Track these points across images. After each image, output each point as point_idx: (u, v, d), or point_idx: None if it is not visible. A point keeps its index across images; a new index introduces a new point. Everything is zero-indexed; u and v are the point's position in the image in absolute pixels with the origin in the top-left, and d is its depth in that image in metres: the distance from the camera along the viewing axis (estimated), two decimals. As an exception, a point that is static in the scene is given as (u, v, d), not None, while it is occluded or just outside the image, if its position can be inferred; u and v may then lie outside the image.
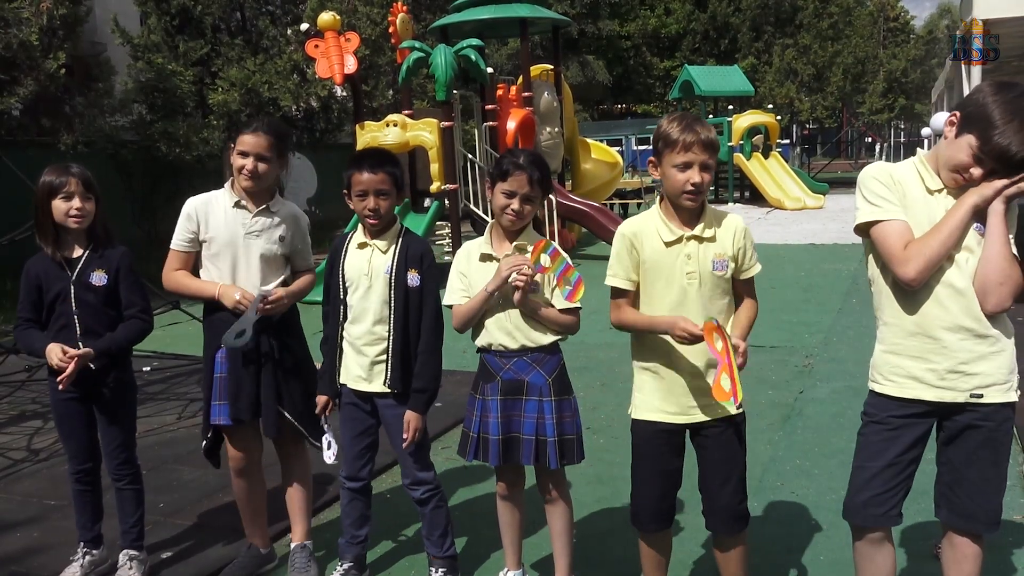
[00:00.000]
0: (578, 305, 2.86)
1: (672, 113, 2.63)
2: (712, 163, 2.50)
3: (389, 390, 3.00)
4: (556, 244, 2.83)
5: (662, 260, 2.56)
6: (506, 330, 2.83)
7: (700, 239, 2.55)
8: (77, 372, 3.01)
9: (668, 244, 2.56)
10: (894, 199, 2.36)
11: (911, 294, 2.36)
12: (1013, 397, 2.38)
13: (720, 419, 2.60)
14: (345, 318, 3.06)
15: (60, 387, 3.00)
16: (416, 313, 2.99)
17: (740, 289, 2.66)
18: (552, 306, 2.84)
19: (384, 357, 2.99)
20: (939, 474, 2.50)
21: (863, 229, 2.42)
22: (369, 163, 2.97)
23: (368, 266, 3.01)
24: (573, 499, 3.05)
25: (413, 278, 2.99)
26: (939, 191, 2.35)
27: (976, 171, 2.26)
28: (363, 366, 3.02)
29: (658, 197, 2.66)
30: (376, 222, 3.00)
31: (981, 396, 2.35)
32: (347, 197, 3.03)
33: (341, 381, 3.09)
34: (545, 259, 2.79)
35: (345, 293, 3.06)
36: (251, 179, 3.11)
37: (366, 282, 3.00)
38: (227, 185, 3.21)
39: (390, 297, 2.98)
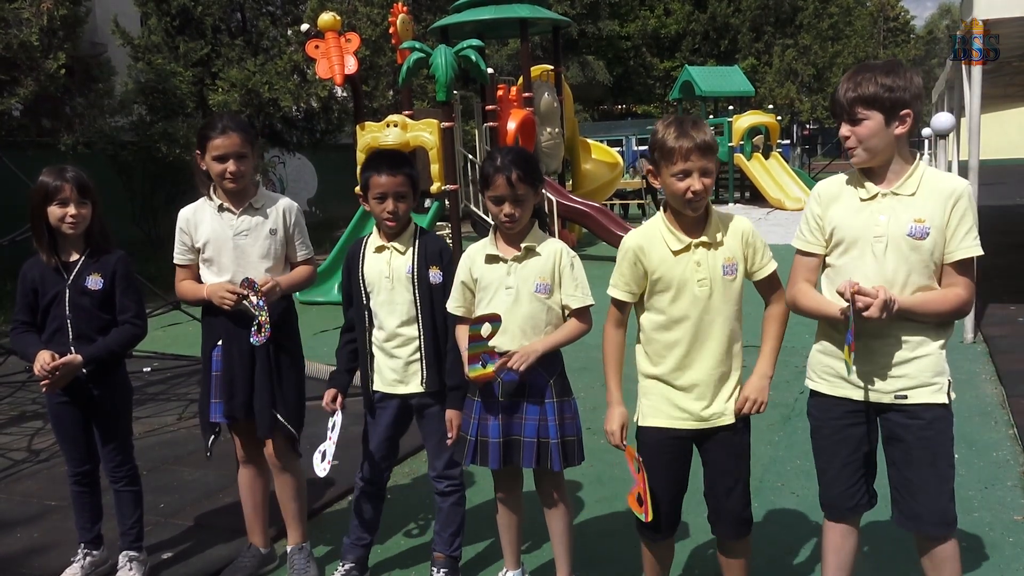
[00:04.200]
0: (591, 303, 2.83)
1: (667, 116, 2.60)
2: (712, 167, 2.45)
3: (426, 390, 2.99)
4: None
5: (672, 270, 2.53)
6: (508, 332, 2.80)
7: (709, 245, 2.52)
8: (68, 378, 3.01)
9: (676, 253, 2.52)
10: (811, 230, 2.53)
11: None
12: (941, 398, 2.41)
13: (725, 427, 2.58)
14: (371, 323, 3.05)
15: (43, 390, 3.02)
16: (442, 310, 2.98)
17: (763, 290, 2.63)
18: (566, 306, 2.82)
19: (417, 357, 2.99)
20: (888, 476, 2.53)
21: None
22: (388, 165, 2.95)
23: (388, 268, 3.00)
24: (574, 500, 3.05)
25: (435, 275, 2.98)
26: (871, 199, 2.41)
27: (841, 131, 2.41)
28: (397, 369, 3.01)
29: (662, 206, 2.62)
30: (394, 224, 2.99)
31: (905, 397, 2.40)
32: (363, 200, 3.02)
33: (374, 388, 3.08)
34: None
35: (367, 298, 3.04)
36: (235, 180, 3.08)
37: (388, 284, 2.99)
38: (208, 192, 3.17)
39: (415, 297, 2.97)
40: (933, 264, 2.37)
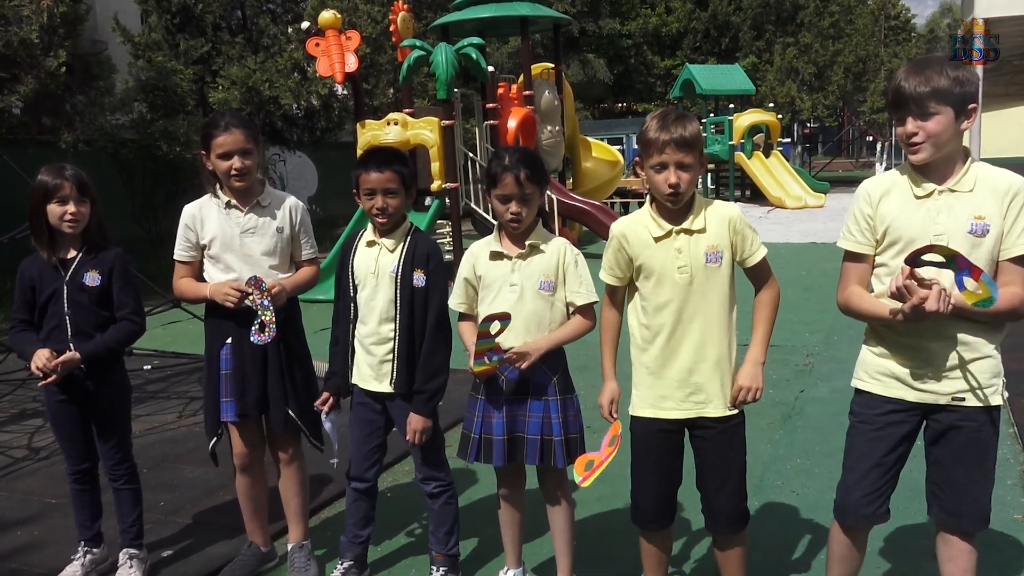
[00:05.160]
0: (595, 299, 2.84)
1: (657, 109, 2.63)
2: (691, 161, 2.46)
3: (395, 390, 2.99)
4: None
5: (653, 256, 2.57)
6: (513, 330, 2.80)
7: (690, 232, 2.54)
8: (66, 375, 3.01)
9: (657, 239, 2.56)
10: (861, 230, 2.45)
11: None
12: (997, 401, 2.40)
13: (718, 419, 2.60)
14: (355, 317, 3.05)
15: (40, 385, 3.02)
16: (422, 314, 2.97)
17: (753, 277, 2.64)
18: (570, 303, 2.84)
19: (390, 357, 2.98)
20: (928, 473, 2.53)
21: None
22: (376, 162, 2.96)
23: (375, 265, 2.99)
24: (575, 498, 3.05)
25: (419, 278, 2.97)
26: (927, 196, 2.36)
27: (899, 130, 2.35)
28: (372, 365, 3.01)
29: (648, 195, 2.65)
30: (385, 221, 2.98)
31: (963, 400, 2.38)
32: (356, 196, 3.03)
33: (353, 381, 3.08)
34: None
35: (355, 291, 3.05)
36: (242, 177, 3.08)
37: (373, 281, 2.99)
38: (215, 190, 3.16)
39: (396, 297, 2.97)
40: (994, 262, 2.33)
